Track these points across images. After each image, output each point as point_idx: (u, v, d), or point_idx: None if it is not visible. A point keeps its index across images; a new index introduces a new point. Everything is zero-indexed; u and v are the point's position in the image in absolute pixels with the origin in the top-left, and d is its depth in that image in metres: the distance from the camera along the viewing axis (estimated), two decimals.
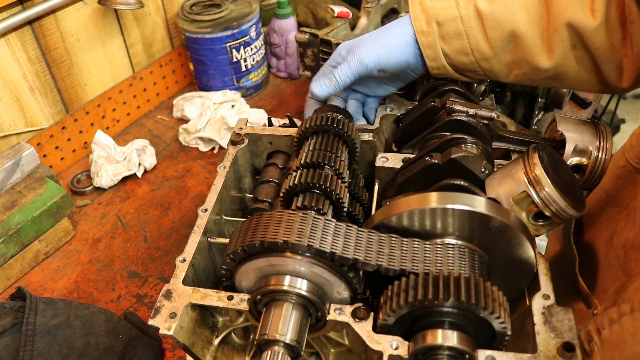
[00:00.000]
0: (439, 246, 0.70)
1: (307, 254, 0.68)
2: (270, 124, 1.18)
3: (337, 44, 1.42)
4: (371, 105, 1.08)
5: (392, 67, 0.96)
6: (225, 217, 0.93)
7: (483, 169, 0.79)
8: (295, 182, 0.80)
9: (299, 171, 0.83)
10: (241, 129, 1.02)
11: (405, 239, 0.70)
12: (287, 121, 1.19)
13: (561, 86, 0.94)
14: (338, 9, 1.78)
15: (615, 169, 0.87)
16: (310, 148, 0.87)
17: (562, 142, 0.86)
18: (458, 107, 0.87)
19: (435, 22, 0.90)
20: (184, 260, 0.78)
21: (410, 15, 0.94)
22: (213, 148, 1.57)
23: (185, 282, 0.75)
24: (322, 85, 1.00)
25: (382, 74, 0.99)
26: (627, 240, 0.80)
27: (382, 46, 0.95)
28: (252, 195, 0.98)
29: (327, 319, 0.70)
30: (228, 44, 1.62)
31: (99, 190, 1.46)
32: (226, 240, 0.86)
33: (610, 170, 0.87)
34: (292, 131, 1.00)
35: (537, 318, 0.66)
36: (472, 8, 0.88)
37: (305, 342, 0.69)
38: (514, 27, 0.86)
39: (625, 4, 0.78)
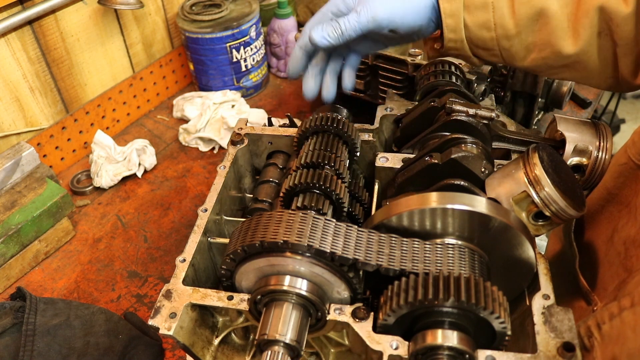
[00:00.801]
0: (439, 246, 0.70)
1: (307, 254, 0.68)
2: (270, 124, 1.18)
3: None
4: (353, 62, 1.00)
5: (404, 29, 0.88)
6: (225, 217, 0.93)
7: (483, 169, 0.79)
8: (295, 182, 0.80)
9: (299, 171, 0.83)
10: (241, 129, 1.02)
11: (405, 239, 0.70)
12: (287, 121, 1.19)
13: (572, 77, 0.90)
14: None
15: (617, 166, 0.86)
16: (310, 148, 0.87)
17: (562, 142, 0.86)
18: (458, 107, 0.87)
19: None
20: (184, 260, 0.78)
21: None
22: (213, 148, 1.57)
23: (185, 282, 0.75)
24: (324, 34, 0.87)
25: (390, 34, 0.90)
26: (628, 237, 0.80)
27: (400, 6, 0.86)
28: (252, 195, 0.98)
29: (327, 319, 0.70)
30: (228, 44, 1.62)
31: (99, 190, 1.46)
32: (226, 240, 0.86)
33: (612, 168, 0.86)
34: (292, 131, 1.00)
35: (537, 318, 0.66)
36: None
37: (305, 342, 0.69)
38: (543, 5, 0.81)
39: None
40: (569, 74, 0.87)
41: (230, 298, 0.73)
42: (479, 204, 0.69)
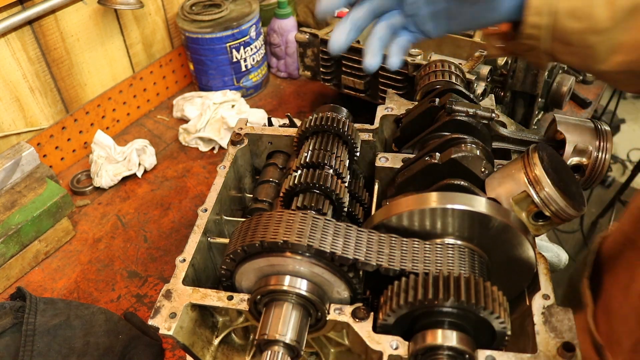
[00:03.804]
0: (438, 246, 0.70)
1: (307, 254, 0.68)
2: (270, 124, 1.19)
3: None
4: (402, 41, 0.78)
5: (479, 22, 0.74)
6: (225, 217, 0.93)
7: (483, 169, 0.79)
8: (295, 182, 0.80)
9: (299, 171, 0.83)
10: (241, 129, 1.02)
11: (405, 239, 0.70)
12: (287, 121, 1.19)
13: None
14: None
15: (635, 209, 0.80)
16: (310, 148, 0.87)
17: (562, 142, 0.86)
18: (458, 107, 0.87)
19: None
20: (184, 260, 0.78)
21: None
22: (213, 148, 1.57)
23: (185, 282, 0.75)
24: (398, 57, 0.73)
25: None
26: None
27: None
28: (252, 195, 0.98)
29: (327, 319, 0.70)
30: (228, 44, 1.62)
31: (99, 190, 1.46)
32: (226, 240, 0.86)
33: (630, 211, 0.80)
34: (292, 131, 1.00)
35: (537, 318, 0.66)
36: None
37: (305, 342, 0.69)
38: None
39: None
40: None
41: (230, 298, 0.73)
42: (479, 204, 0.69)
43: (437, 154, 0.81)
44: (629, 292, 0.80)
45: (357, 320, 0.68)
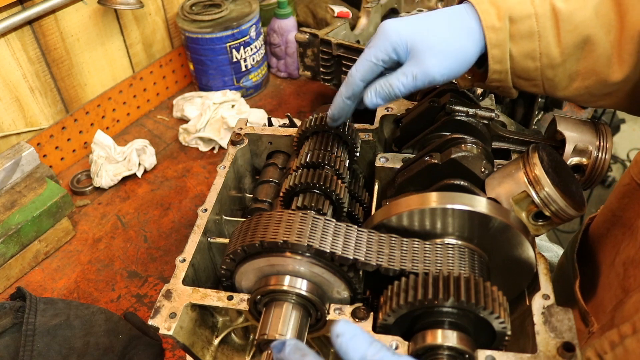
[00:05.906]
0: (438, 246, 0.70)
1: (307, 254, 0.68)
2: (270, 124, 1.19)
3: (337, 44, 1.42)
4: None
5: (454, 78, 0.85)
6: (225, 217, 0.93)
7: (483, 169, 0.79)
8: (295, 182, 0.81)
9: (298, 171, 0.83)
10: (241, 129, 1.02)
11: (405, 239, 0.70)
12: (287, 121, 1.19)
13: (610, 105, 0.85)
14: (338, 9, 1.78)
15: (621, 187, 0.83)
16: (310, 148, 0.88)
17: (562, 142, 0.86)
18: (458, 107, 0.87)
19: (508, 18, 0.79)
20: (184, 260, 0.78)
21: (475, 7, 0.81)
22: (213, 148, 1.57)
23: (185, 282, 0.75)
24: (378, 99, 0.82)
25: None
26: (627, 257, 0.78)
27: (454, 60, 0.80)
28: (252, 195, 0.98)
29: (327, 319, 0.70)
30: (228, 44, 1.62)
31: (99, 190, 1.46)
32: (226, 240, 0.86)
33: (617, 189, 0.84)
34: (292, 131, 1.00)
35: (537, 318, 0.66)
36: (548, 6, 0.78)
37: (305, 342, 0.69)
38: (590, 32, 0.76)
39: None
40: (609, 101, 0.84)
41: (230, 298, 0.73)
42: (479, 204, 0.69)
43: (437, 154, 0.81)
44: (614, 264, 0.82)
45: (357, 320, 0.68)
